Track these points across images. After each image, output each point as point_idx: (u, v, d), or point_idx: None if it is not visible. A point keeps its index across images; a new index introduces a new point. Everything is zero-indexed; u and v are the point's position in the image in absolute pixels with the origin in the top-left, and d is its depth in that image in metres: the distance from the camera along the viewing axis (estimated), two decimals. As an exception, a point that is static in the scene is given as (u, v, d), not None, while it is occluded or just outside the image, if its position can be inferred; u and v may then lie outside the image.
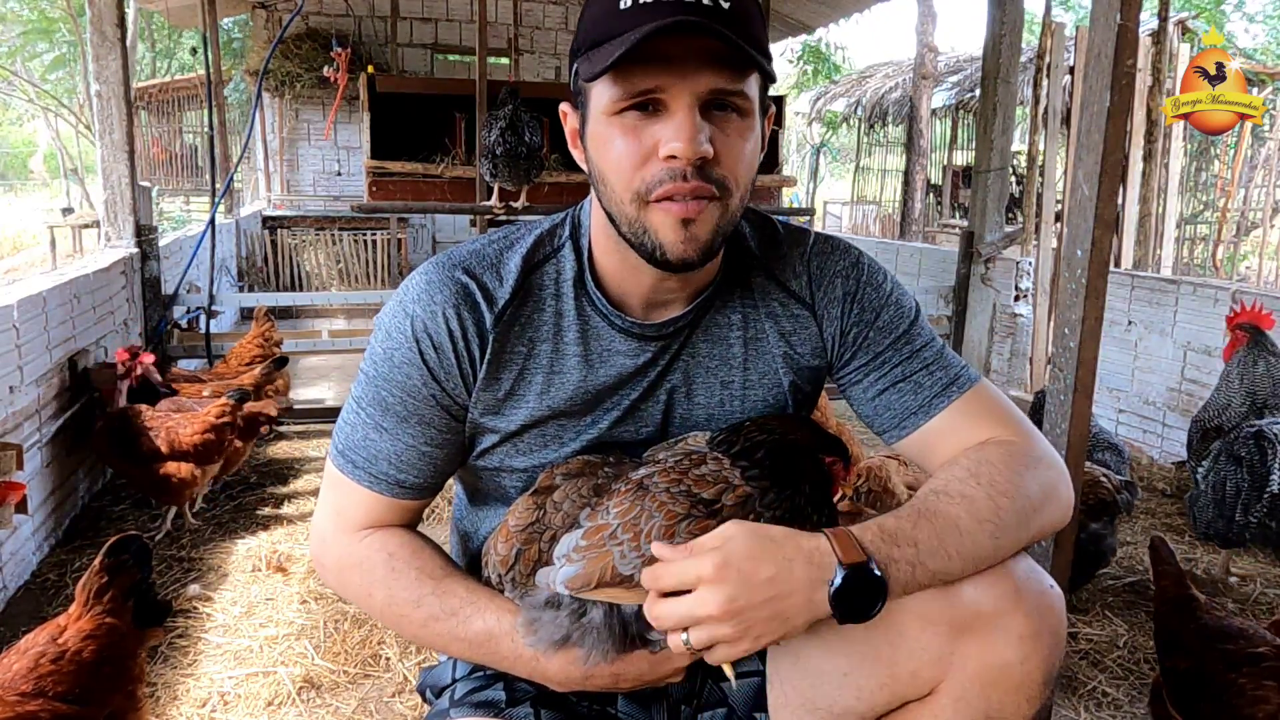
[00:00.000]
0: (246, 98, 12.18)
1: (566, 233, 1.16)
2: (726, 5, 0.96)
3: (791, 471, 1.05)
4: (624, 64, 0.95)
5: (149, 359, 3.36)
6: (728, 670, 1.03)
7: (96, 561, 1.71)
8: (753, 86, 1.02)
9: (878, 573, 0.95)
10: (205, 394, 3.54)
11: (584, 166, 1.09)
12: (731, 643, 0.95)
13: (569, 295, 1.14)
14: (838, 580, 0.94)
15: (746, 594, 0.93)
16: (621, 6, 0.97)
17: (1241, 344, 2.95)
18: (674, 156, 0.98)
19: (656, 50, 0.95)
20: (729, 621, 0.93)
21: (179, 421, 3.08)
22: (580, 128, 1.08)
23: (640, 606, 1.01)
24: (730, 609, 0.93)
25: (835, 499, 1.10)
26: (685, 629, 0.96)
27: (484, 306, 1.10)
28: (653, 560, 0.99)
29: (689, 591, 0.95)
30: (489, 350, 1.11)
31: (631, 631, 1.03)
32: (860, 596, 0.94)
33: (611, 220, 1.05)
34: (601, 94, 1.01)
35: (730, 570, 0.93)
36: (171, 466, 3.00)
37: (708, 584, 0.93)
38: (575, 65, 1.05)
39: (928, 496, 1.05)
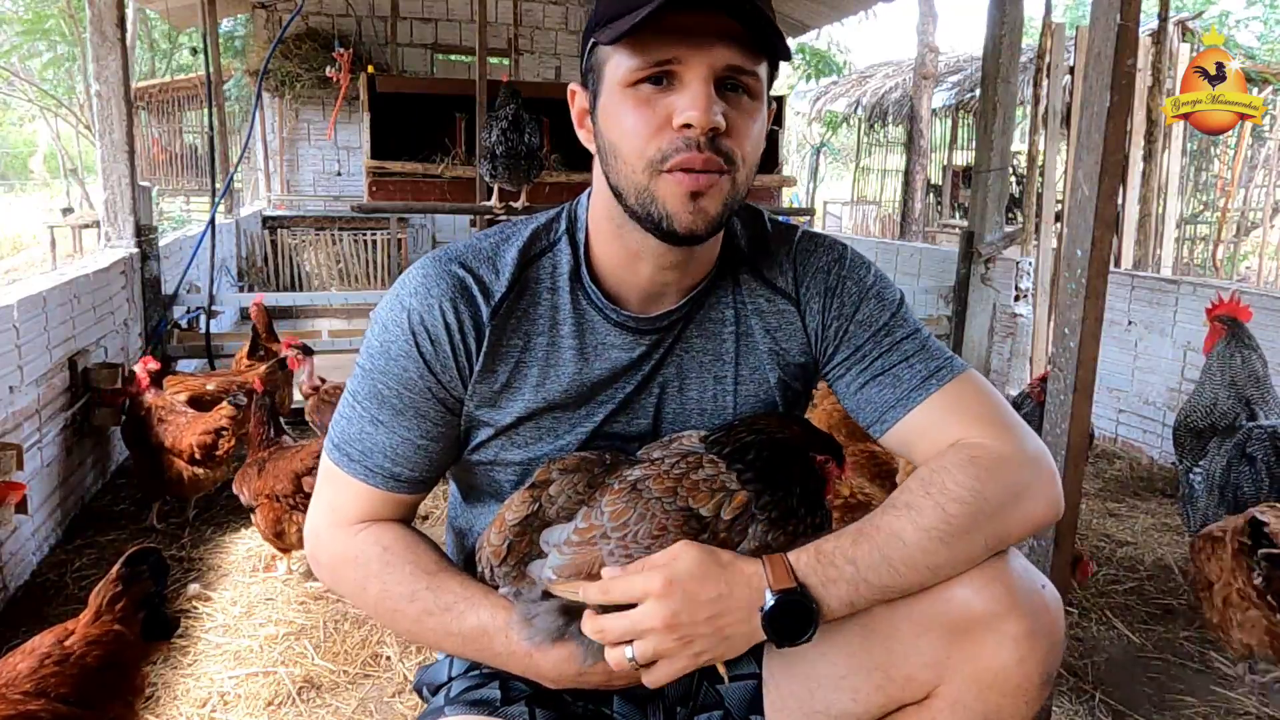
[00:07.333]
0: (246, 96, 12.16)
1: (563, 226, 1.17)
2: None
3: (783, 472, 1.05)
4: (643, 33, 0.97)
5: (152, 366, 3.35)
6: (720, 669, 1.03)
7: (114, 570, 1.71)
8: (764, 71, 1.04)
9: (808, 597, 0.99)
10: (209, 387, 3.55)
11: (589, 146, 1.10)
12: (672, 657, 0.99)
13: (565, 289, 1.14)
14: (768, 605, 0.98)
15: (690, 610, 0.97)
16: None
17: (1220, 336, 2.95)
18: (689, 125, 0.99)
19: (676, 23, 0.97)
20: (672, 635, 0.98)
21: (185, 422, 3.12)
22: (590, 105, 1.09)
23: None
24: (673, 623, 0.97)
25: (829, 497, 1.10)
26: (629, 641, 0.99)
27: (480, 300, 1.11)
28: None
29: (634, 607, 0.99)
30: (485, 343, 1.11)
31: None
32: (790, 620, 0.99)
33: (618, 196, 1.05)
34: (618, 65, 1.02)
35: (676, 586, 0.97)
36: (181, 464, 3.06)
37: (654, 598, 0.97)
38: (590, 40, 1.06)
39: (874, 513, 1.06)
